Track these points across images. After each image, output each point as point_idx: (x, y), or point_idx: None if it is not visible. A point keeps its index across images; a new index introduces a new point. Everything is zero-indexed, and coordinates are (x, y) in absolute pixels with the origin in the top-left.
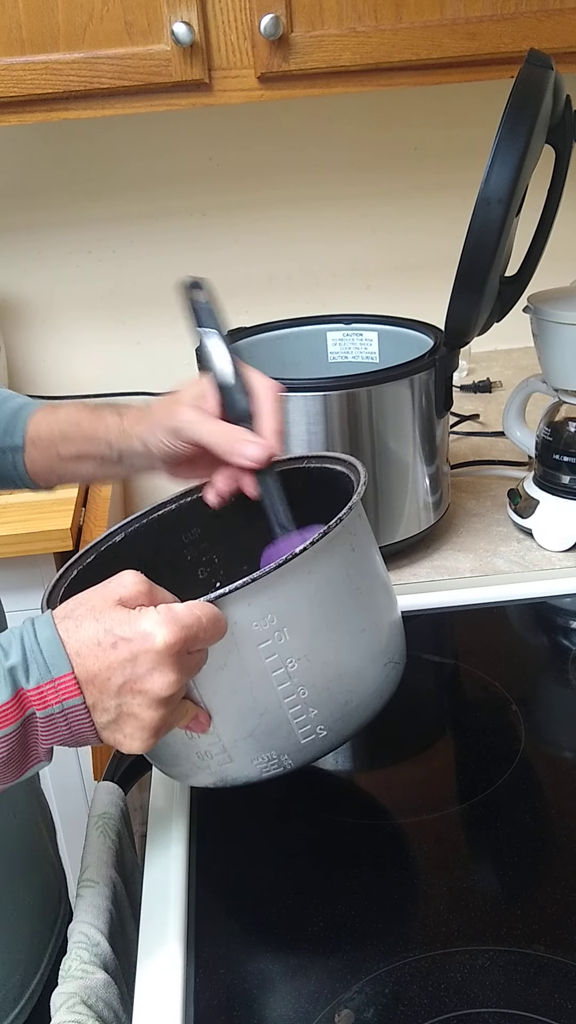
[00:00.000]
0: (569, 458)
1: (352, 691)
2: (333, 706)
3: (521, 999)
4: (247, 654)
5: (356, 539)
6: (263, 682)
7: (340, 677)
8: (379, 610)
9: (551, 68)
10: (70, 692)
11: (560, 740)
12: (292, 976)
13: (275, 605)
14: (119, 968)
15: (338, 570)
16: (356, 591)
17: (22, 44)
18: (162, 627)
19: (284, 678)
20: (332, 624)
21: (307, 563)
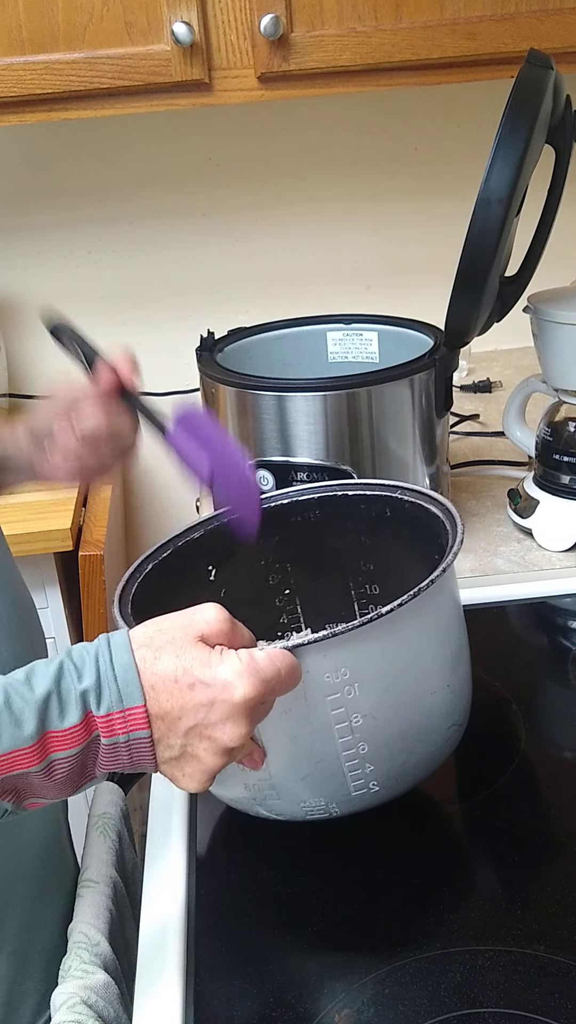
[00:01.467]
0: (569, 458)
1: (412, 751)
2: (391, 764)
3: (521, 999)
4: (314, 704)
5: (443, 600)
6: (325, 733)
7: (403, 736)
8: (454, 673)
9: (551, 68)
10: (139, 724)
11: (560, 740)
12: (292, 977)
13: (351, 660)
14: (119, 968)
15: (421, 633)
16: (435, 654)
17: (22, 44)
18: (244, 679)
19: (346, 732)
20: (405, 685)
21: (392, 623)
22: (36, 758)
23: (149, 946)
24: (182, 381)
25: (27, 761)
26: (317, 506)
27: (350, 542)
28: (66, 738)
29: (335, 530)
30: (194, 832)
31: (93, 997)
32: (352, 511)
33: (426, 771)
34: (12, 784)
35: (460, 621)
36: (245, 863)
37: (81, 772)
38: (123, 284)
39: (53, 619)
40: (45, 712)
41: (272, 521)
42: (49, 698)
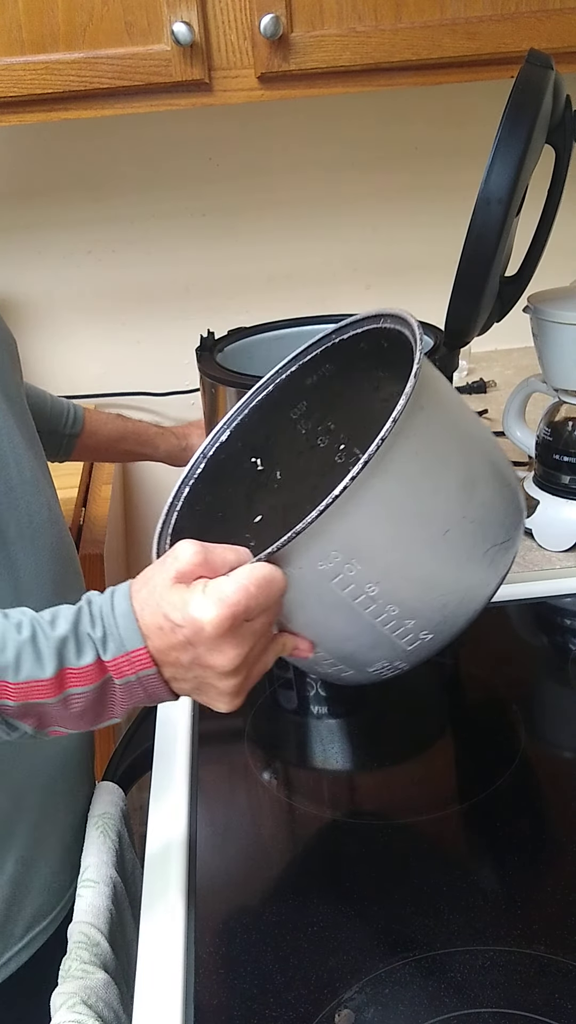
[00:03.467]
0: (569, 458)
1: (448, 592)
2: (430, 613)
3: (521, 999)
4: (323, 592)
5: (422, 434)
6: (349, 612)
7: (430, 586)
8: (470, 500)
9: (551, 68)
10: (144, 664)
11: (560, 740)
12: (292, 976)
13: (335, 543)
14: (119, 968)
15: (399, 484)
16: (432, 492)
17: (22, 44)
18: (208, 610)
19: (368, 603)
20: (404, 541)
21: (356, 493)
22: (53, 691)
23: (149, 946)
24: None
25: (44, 692)
26: (325, 360)
27: (371, 380)
28: (81, 676)
29: (353, 377)
30: (194, 832)
31: (93, 997)
32: (354, 353)
33: (479, 600)
34: (32, 710)
35: (461, 437)
36: (245, 862)
37: (98, 708)
38: (123, 284)
39: None
40: (63, 651)
41: (291, 391)
42: (67, 639)
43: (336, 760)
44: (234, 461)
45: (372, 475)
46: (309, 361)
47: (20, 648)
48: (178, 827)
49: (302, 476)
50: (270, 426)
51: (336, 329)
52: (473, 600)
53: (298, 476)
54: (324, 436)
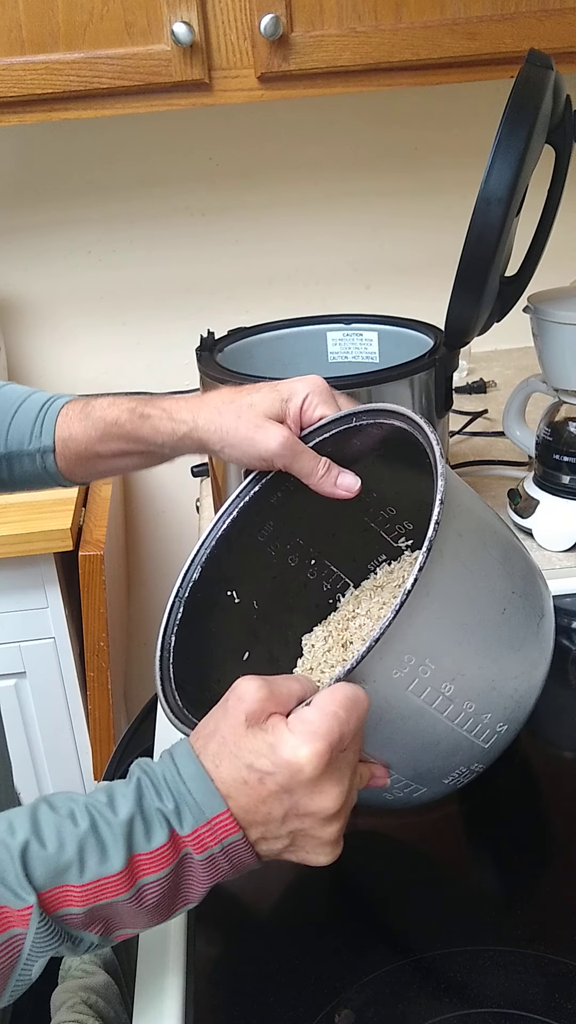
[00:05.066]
0: (569, 458)
1: (519, 677)
2: (505, 701)
3: (521, 999)
4: (400, 703)
5: (459, 523)
6: (427, 718)
7: (502, 672)
8: (511, 576)
9: (551, 68)
10: (229, 830)
11: (560, 740)
12: (292, 976)
13: (407, 646)
14: (119, 968)
15: (454, 575)
16: (483, 577)
17: (22, 44)
18: (304, 749)
19: (445, 704)
20: (472, 629)
21: (419, 591)
22: (125, 885)
23: (149, 946)
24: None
25: (116, 889)
26: (288, 476)
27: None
28: (154, 860)
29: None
30: None
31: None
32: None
33: (540, 678)
34: (100, 913)
35: (489, 523)
36: None
37: (173, 895)
38: (123, 284)
39: (53, 619)
40: (131, 836)
41: (255, 512)
42: (133, 820)
43: None
44: (210, 599)
45: (433, 568)
46: (272, 478)
47: (82, 843)
48: None
49: (278, 600)
50: (240, 554)
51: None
52: (536, 679)
53: (274, 601)
54: (294, 554)
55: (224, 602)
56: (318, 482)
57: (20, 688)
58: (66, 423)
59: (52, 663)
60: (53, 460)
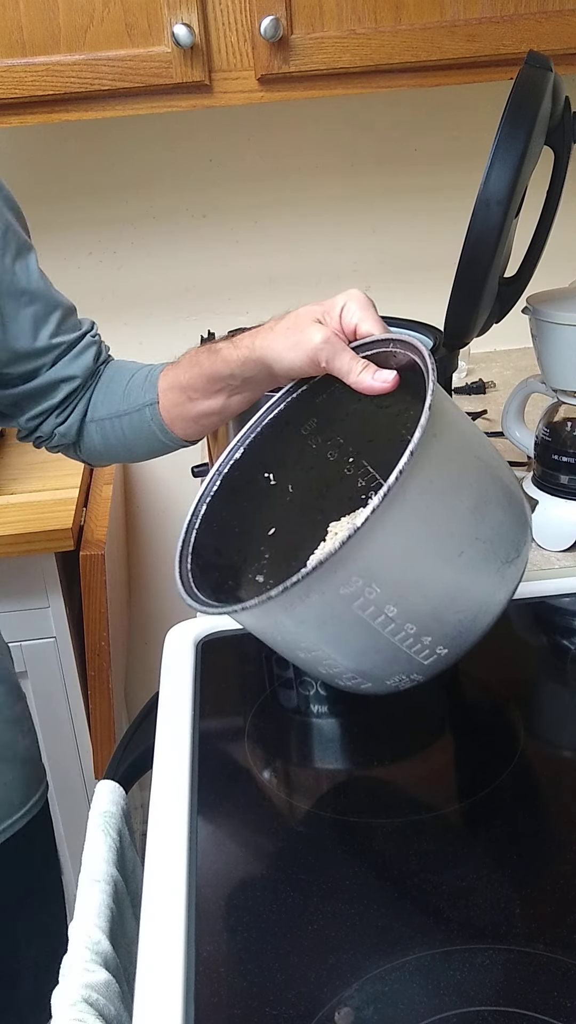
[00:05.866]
0: (568, 458)
1: (463, 609)
2: (447, 628)
3: (521, 998)
4: (344, 614)
5: (436, 463)
6: (368, 631)
7: (445, 605)
8: (481, 523)
9: (550, 70)
10: None
11: (560, 740)
12: (292, 976)
13: (356, 568)
14: (120, 966)
15: (415, 512)
16: (446, 519)
17: (23, 46)
18: None
19: (387, 623)
20: (421, 564)
21: (375, 522)
22: None
23: (149, 945)
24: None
25: None
26: (334, 379)
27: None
28: None
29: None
30: (195, 831)
31: (94, 996)
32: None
33: (491, 615)
34: None
35: (471, 460)
36: (245, 862)
37: None
38: (124, 284)
39: (54, 619)
40: None
41: (301, 409)
42: None
43: (336, 760)
44: (247, 477)
45: (391, 504)
46: (319, 381)
47: None
48: (178, 826)
49: (312, 487)
50: (282, 443)
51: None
52: (486, 615)
53: (308, 488)
54: (333, 450)
55: (260, 482)
56: (357, 378)
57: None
58: (165, 375)
59: (53, 663)
60: (157, 411)
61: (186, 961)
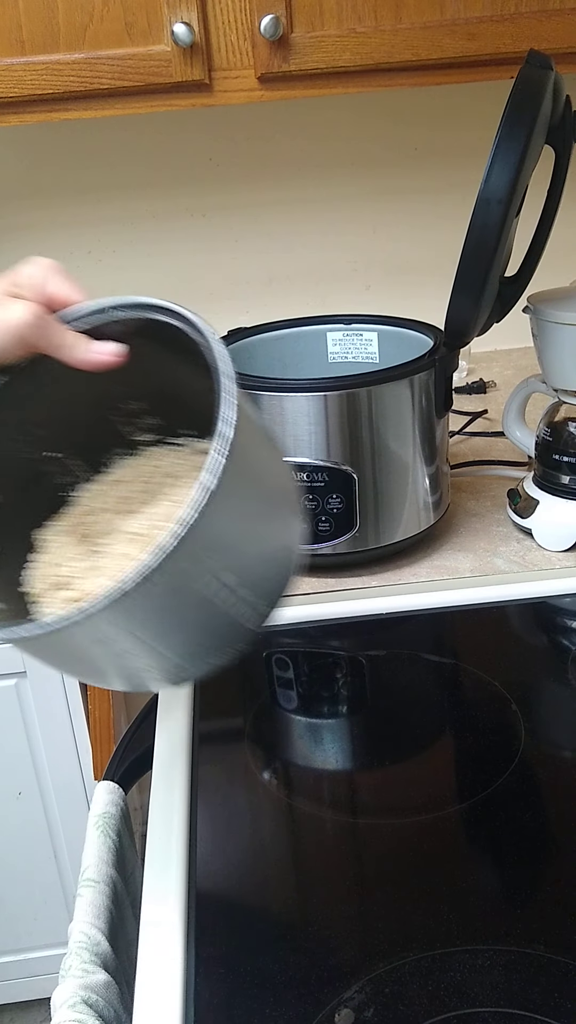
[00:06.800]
0: (569, 458)
1: (284, 562)
2: (273, 584)
3: (521, 999)
4: (185, 593)
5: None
6: (206, 607)
7: (272, 558)
8: (281, 471)
9: (551, 69)
10: None
11: (560, 740)
12: (292, 976)
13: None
14: (119, 967)
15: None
16: (262, 477)
17: (22, 44)
18: None
19: (225, 592)
20: (253, 519)
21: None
22: None
23: (149, 946)
24: None
25: None
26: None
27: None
28: None
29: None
30: (194, 832)
31: (93, 997)
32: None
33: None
34: None
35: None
36: (245, 862)
37: None
38: (123, 284)
39: None
40: None
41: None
42: None
43: (336, 760)
44: None
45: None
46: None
47: None
48: (178, 827)
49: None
50: None
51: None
52: (294, 564)
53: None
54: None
55: None
56: (71, 352)
57: (20, 688)
58: None
59: None
60: None
61: (186, 961)
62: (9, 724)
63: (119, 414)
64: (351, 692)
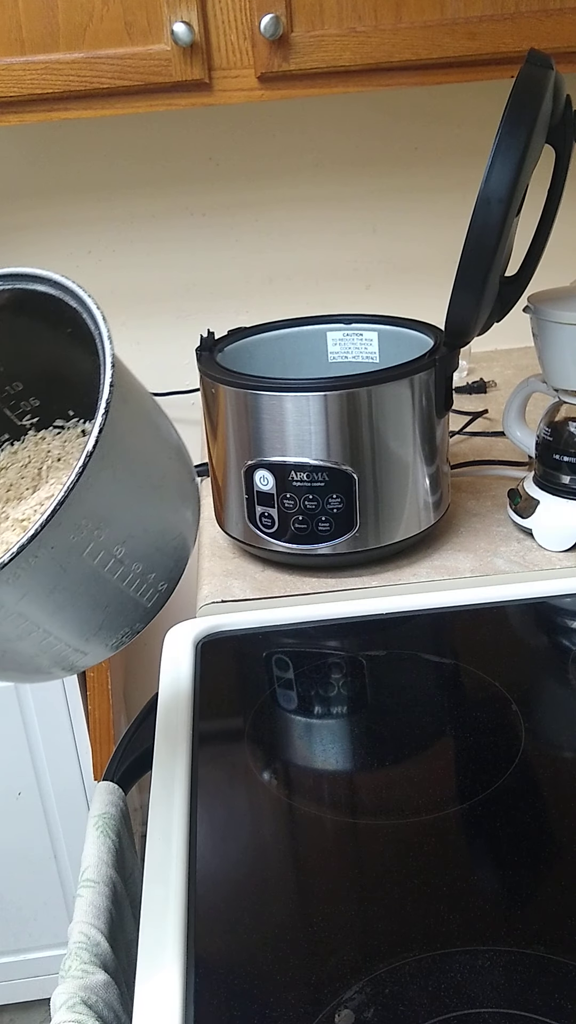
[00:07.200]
0: (569, 458)
1: (176, 535)
2: (165, 559)
3: (521, 999)
4: (75, 568)
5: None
6: (99, 582)
7: (164, 533)
8: (169, 438)
9: (551, 68)
10: None
11: (560, 740)
12: (292, 976)
13: (84, 510)
14: (119, 968)
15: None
16: (148, 449)
17: (22, 44)
18: None
19: (117, 566)
20: (140, 492)
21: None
22: None
23: (149, 946)
24: (182, 381)
25: None
26: None
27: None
28: None
29: None
30: (194, 832)
31: (93, 997)
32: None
33: (191, 539)
34: None
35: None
36: (245, 862)
37: None
38: (123, 284)
39: None
40: None
41: None
42: None
43: (336, 760)
44: None
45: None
46: None
47: None
48: (178, 827)
49: None
50: None
51: None
52: (189, 536)
53: None
54: None
55: None
56: None
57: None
58: None
59: None
60: None
61: (186, 962)
62: (9, 724)
63: (3, 397)
64: (351, 692)
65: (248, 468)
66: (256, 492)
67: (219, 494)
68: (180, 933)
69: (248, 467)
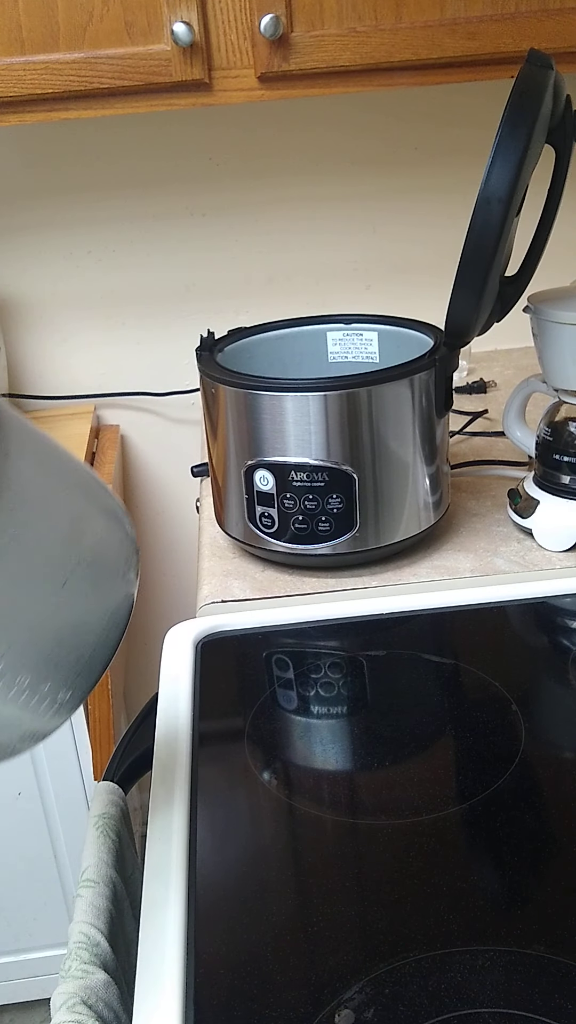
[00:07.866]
0: (569, 458)
1: (83, 642)
2: (67, 668)
3: (521, 999)
4: None
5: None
6: None
7: (61, 641)
8: (82, 538)
9: (551, 68)
10: None
11: (560, 740)
12: (292, 976)
13: None
14: (119, 968)
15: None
16: (39, 549)
17: (22, 44)
18: None
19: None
20: (21, 605)
21: None
22: None
23: (149, 946)
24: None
25: None
26: None
27: None
28: None
29: None
30: (194, 832)
31: (93, 997)
32: None
33: (113, 640)
34: None
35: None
36: (245, 862)
37: None
38: (123, 284)
39: None
40: None
41: None
42: None
43: (336, 760)
44: None
45: None
46: None
47: None
48: (178, 827)
49: None
50: None
51: None
52: (106, 642)
53: None
54: None
55: None
56: None
57: None
58: None
59: None
60: None
61: (186, 962)
62: None
63: None
64: (351, 692)
65: (248, 468)
66: (256, 492)
67: (219, 494)
68: (180, 933)
69: (248, 467)
